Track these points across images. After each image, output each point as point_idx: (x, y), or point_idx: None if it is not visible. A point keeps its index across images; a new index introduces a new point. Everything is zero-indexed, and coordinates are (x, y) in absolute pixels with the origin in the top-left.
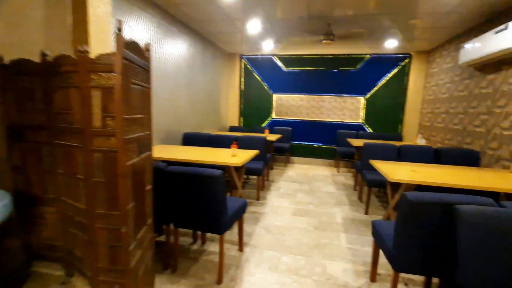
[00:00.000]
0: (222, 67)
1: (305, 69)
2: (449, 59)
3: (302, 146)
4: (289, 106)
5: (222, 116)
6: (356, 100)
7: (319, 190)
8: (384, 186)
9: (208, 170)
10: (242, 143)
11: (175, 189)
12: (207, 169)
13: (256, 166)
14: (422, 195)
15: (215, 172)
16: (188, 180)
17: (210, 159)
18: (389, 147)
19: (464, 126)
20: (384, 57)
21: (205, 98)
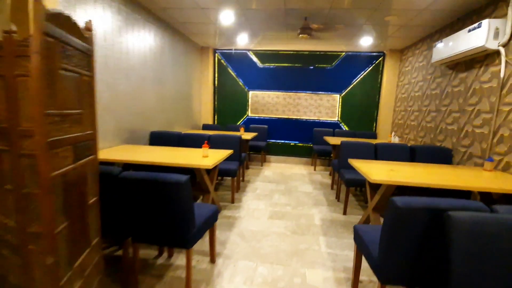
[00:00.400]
0: (194, 61)
1: (281, 66)
2: (421, 58)
3: (279, 145)
4: (265, 103)
5: (194, 113)
6: (332, 98)
7: (296, 190)
8: (362, 186)
9: (171, 175)
10: (215, 142)
11: (133, 198)
12: (170, 175)
13: (230, 167)
14: (411, 200)
15: (180, 178)
16: (147, 188)
17: (178, 160)
18: (366, 146)
19: (437, 124)
20: (359, 55)
21: (176, 94)
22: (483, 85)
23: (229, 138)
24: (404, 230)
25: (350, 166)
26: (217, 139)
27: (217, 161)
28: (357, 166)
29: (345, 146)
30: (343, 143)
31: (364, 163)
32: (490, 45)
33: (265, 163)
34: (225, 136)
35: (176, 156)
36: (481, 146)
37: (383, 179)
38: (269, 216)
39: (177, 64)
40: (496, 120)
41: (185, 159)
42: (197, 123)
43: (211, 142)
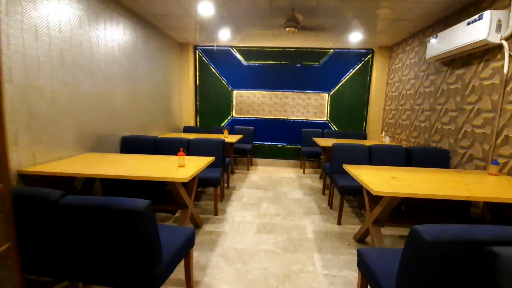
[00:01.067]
0: (172, 58)
1: (267, 63)
2: (413, 54)
3: (265, 147)
4: (250, 103)
5: (174, 115)
6: (320, 97)
7: (285, 197)
8: (359, 194)
9: (127, 201)
10: (195, 147)
11: (78, 231)
12: (126, 200)
13: (212, 175)
14: (441, 231)
15: (137, 204)
16: (96, 217)
17: (149, 172)
18: (360, 148)
19: (431, 123)
20: (347, 52)
21: (152, 94)
22: (483, 82)
23: (211, 142)
24: (431, 266)
25: (343, 171)
26: (198, 144)
27: (195, 171)
28: (356, 175)
29: (338, 149)
30: (335, 146)
31: (361, 170)
32: (492, 39)
33: (251, 167)
34: (206, 140)
35: (148, 167)
36: (483, 147)
37: (387, 191)
38: (256, 230)
39: (153, 62)
40: (500, 119)
41: (157, 170)
42: (177, 126)
43: (191, 147)
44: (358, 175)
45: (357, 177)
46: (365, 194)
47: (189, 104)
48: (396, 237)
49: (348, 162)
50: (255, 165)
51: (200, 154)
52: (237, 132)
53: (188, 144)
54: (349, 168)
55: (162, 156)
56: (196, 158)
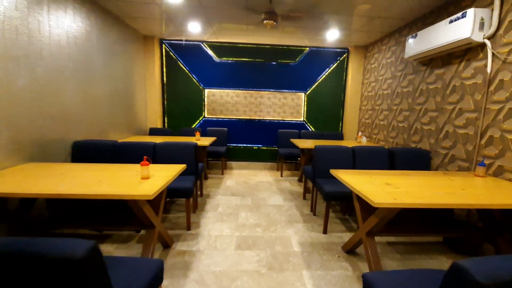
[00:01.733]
0: (135, 52)
1: (240, 60)
2: (389, 54)
3: (241, 149)
4: (223, 103)
5: (139, 116)
6: (297, 96)
7: (265, 204)
8: (346, 200)
9: (62, 244)
10: (163, 153)
11: None
12: (60, 242)
13: (183, 185)
14: (496, 268)
15: (76, 250)
16: (19, 268)
17: (103, 189)
18: (343, 150)
19: (410, 124)
20: (323, 51)
21: (112, 92)
22: (465, 82)
23: (181, 147)
24: None
25: (327, 174)
26: (166, 149)
27: (162, 184)
28: (349, 183)
29: (320, 152)
30: (317, 148)
31: (351, 175)
32: (475, 37)
33: (226, 171)
34: (176, 145)
35: (104, 180)
36: (466, 148)
37: (389, 202)
38: (236, 246)
39: (112, 56)
40: (484, 120)
41: (115, 184)
42: (142, 128)
43: (158, 153)
44: (352, 183)
45: (351, 186)
46: (357, 202)
47: (155, 103)
48: (384, 244)
49: (332, 165)
50: (230, 169)
51: (169, 161)
52: (210, 134)
53: (155, 149)
54: (339, 174)
55: (123, 165)
56: (164, 166)
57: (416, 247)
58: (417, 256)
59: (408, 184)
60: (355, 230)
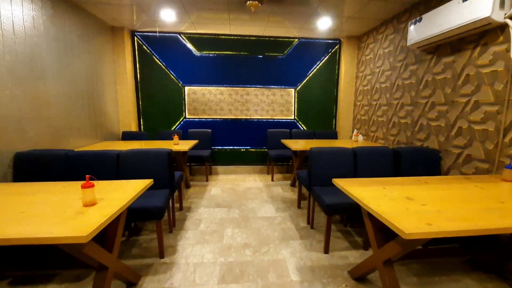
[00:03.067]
0: (102, 46)
1: (223, 54)
2: (386, 43)
3: (226, 152)
4: (206, 101)
5: (108, 118)
6: (286, 93)
7: (254, 216)
8: (351, 211)
9: None
10: (128, 164)
11: None
12: None
13: (152, 204)
14: None
15: None
16: None
17: (18, 229)
18: (343, 152)
19: (414, 120)
20: (313, 43)
21: (71, 92)
22: (481, 70)
23: (152, 155)
24: None
25: (325, 181)
26: (132, 158)
27: (109, 216)
28: (363, 201)
29: (317, 155)
30: (314, 152)
31: (360, 186)
32: (496, 17)
33: (211, 177)
34: (145, 153)
35: (29, 211)
36: (485, 146)
37: (424, 231)
38: (220, 277)
39: (70, 49)
40: (507, 113)
41: (40, 219)
42: (113, 132)
43: (122, 164)
44: (365, 200)
45: (365, 204)
46: (368, 221)
47: (128, 103)
48: (395, 263)
49: (331, 170)
50: (215, 174)
51: (137, 173)
52: (191, 136)
53: (118, 160)
54: (346, 187)
55: (70, 184)
56: (123, 184)
57: (433, 266)
58: (437, 279)
59: (433, 197)
60: (360, 247)
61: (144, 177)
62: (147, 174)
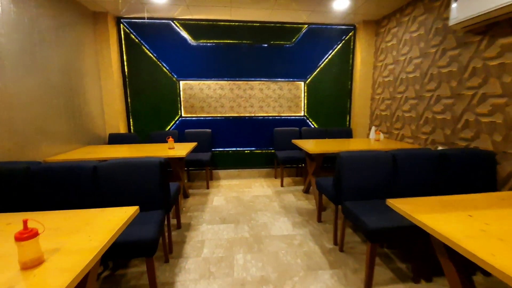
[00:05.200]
0: (82, 35)
1: (223, 43)
2: (415, 26)
3: (229, 154)
4: (204, 97)
5: (92, 119)
6: (295, 86)
7: (268, 235)
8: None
9: None
10: (110, 180)
11: None
12: None
13: (140, 236)
14: None
15: None
16: None
17: None
18: (381, 158)
19: (457, 115)
20: (325, 29)
21: (44, 89)
22: None
23: (138, 167)
24: None
25: (360, 195)
26: (113, 173)
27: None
28: (475, 253)
29: (349, 162)
30: (345, 158)
31: (430, 214)
32: None
33: (212, 182)
34: (129, 165)
35: None
36: None
37: None
38: None
39: (41, 38)
40: None
41: None
42: (98, 134)
43: (101, 180)
44: (462, 243)
45: (471, 252)
46: (447, 261)
47: (114, 101)
48: None
49: (366, 180)
50: (217, 179)
51: (120, 193)
52: (189, 137)
53: (95, 174)
54: (412, 213)
55: (19, 218)
56: (93, 216)
57: None
58: None
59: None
60: (407, 278)
61: (130, 197)
62: (134, 193)
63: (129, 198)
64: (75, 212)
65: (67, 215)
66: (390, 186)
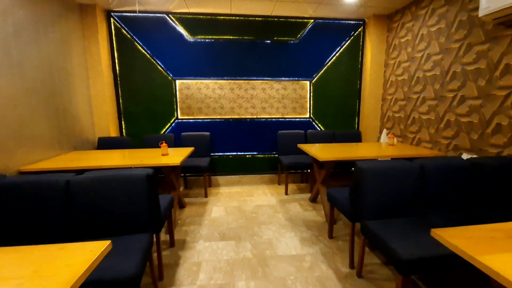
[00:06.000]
0: (67, 30)
1: (223, 39)
2: (434, 20)
3: (229, 159)
4: (202, 98)
5: (79, 121)
6: (300, 86)
7: (274, 255)
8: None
9: None
10: (83, 198)
11: None
12: None
13: (117, 272)
14: None
15: None
16: None
17: None
18: (407, 169)
19: (485, 118)
20: (332, 24)
21: (24, 89)
22: None
23: (119, 183)
24: None
25: (385, 213)
26: (89, 190)
27: None
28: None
29: (371, 175)
30: (366, 170)
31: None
32: None
33: (210, 190)
34: (109, 179)
35: None
36: None
37: None
38: None
39: (17, 32)
40: None
41: None
42: (87, 138)
43: (75, 197)
44: None
45: None
46: None
47: (104, 102)
48: None
49: (390, 195)
50: (216, 187)
51: (98, 214)
52: (185, 141)
53: (68, 190)
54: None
55: None
56: (54, 252)
57: None
58: None
59: None
60: None
61: (110, 219)
62: (116, 213)
63: (110, 221)
64: (23, 251)
65: (10, 256)
66: (419, 202)
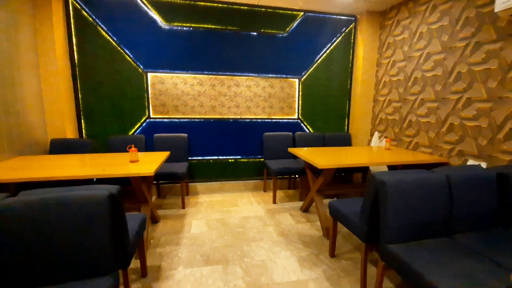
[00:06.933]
0: (12, 11)
1: (203, 28)
2: (436, 16)
3: (209, 164)
4: (179, 94)
5: (26, 119)
6: (288, 84)
7: (271, 283)
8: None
9: None
10: (19, 232)
11: None
12: None
13: None
14: None
15: None
16: None
17: None
18: (431, 181)
19: (495, 123)
20: (323, 18)
21: None
22: None
23: (66, 210)
24: None
25: (410, 234)
26: (23, 222)
27: None
28: None
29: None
30: (391, 185)
31: None
32: None
33: (188, 199)
34: (55, 203)
35: None
36: None
37: None
38: None
39: None
40: None
41: None
42: (36, 140)
43: (2, 233)
44: None
45: None
46: None
47: (59, 97)
48: None
49: (417, 214)
50: (195, 194)
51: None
52: (159, 144)
53: None
54: None
55: None
56: None
57: None
58: None
59: None
60: None
61: (57, 260)
62: (65, 253)
63: (56, 263)
64: None
65: None
66: (445, 219)
